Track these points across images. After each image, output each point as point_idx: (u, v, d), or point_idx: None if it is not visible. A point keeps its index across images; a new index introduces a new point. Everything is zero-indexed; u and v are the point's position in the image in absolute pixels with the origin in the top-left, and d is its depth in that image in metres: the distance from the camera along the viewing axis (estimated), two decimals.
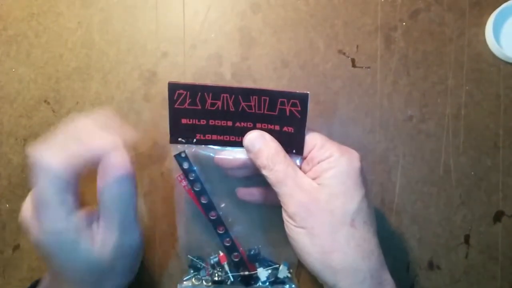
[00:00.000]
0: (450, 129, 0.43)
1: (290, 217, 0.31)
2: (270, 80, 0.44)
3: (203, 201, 0.37)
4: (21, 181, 0.43)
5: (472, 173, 0.43)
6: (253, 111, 0.32)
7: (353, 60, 0.44)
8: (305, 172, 0.32)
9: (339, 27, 0.44)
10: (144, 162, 0.43)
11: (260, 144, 0.32)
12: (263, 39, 0.44)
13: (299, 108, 0.31)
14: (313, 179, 0.31)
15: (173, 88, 0.32)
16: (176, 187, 0.38)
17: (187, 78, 0.44)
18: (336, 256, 0.30)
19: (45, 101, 0.44)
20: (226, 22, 0.44)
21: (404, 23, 0.44)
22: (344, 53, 0.44)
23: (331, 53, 0.44)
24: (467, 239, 0.43)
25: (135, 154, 0.43)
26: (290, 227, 0.31)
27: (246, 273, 0.39)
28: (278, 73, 0.44)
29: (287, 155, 0.32)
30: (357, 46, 0.44)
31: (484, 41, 0.44)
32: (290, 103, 0.31)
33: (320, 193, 0.30)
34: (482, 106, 0.43)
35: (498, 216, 0.43)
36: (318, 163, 0.31)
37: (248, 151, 0.33)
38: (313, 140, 0.32)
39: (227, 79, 0.44)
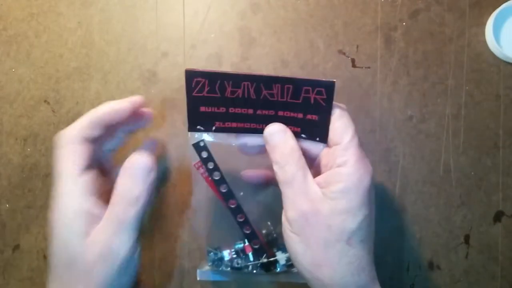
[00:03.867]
0: (450, 129, 0.43)
1: (288, 221, 0.30)
2: None
3: (223, 190, 0.36)
4: (21, 181, 0.43)
5: (472, 173, 0.43)
6: (276, 99, 0.31)
7: (353, 60, 0.44)
8: (320, 169, 0.32)
9: (339, 27, 0.44)
10: None
11: (278, 139, 0.31)
12: (263, 39, 0.44)
13: (325, 96, 0.30)
14: (321, 185, 0.30)
15: (191, 75, 0.31)
16: (193, 175, 0.37)
17: None
18: (325, 270, 0.29)
19: (45, 101, 0.44)
20: (226, 22, 0.44)
21: (404, 23, 0.44)
22: (344, 53, 0.44)
23: (331, 53, 0.44)
24: (467, 239, 0.43)
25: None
26: (286, 230, 0.31)
27: (265, 260, 0.39)
28: (278, 73, 0.44)
29: (302, 157, 0.31)
30: (357, 46, 0.44)
31: (484, 41, 0.44)
32: (315, 91, 0.30)
33: (323, 205, 0.29)
34: (482, 106, 0.43)
35: (498, 216, 0.43)
36: (331, 168, 0.30)
37: (265, 142, 0.32)
38: (345, 134, 0.30)
39: None
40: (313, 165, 0.33)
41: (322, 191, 0.30)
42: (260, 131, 0.33)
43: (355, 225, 0.29)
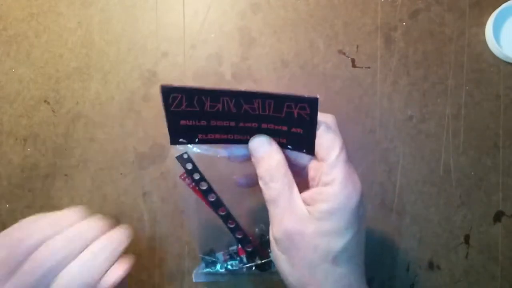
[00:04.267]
0: (450, 129, 0.43)
1: (274, 239, 0.30)
2: (270, 80, 0.44)
3: (211, 199, 0.36)
4: (21, 181, 0.43)
5: (472, 173, 0.43)
6: (258, 112, 0.30)
7: (353, 60, 0.44)
8: (308, 181, 0.31)
9: (339, 27, 0.44)
10: (144, 162, 0.43)
11: (264, 152, 0.30)
12: (263, 39, 0.44)
13: (308, 111, 0.29)
14: (308, 202, 0.29)
15: (167, 91, 0.29)
16: (179, 186, 0.37)
17: (187, 77, 0.44)
18: None
19: (45, 101, 0.44)
20: (226, 22, 0.44)
21: (404, 23, 0.44)
22: (344, 53, 0.44)
23: (331, 53, 0.44)
24: (467, 239, 0.43)
25: (135, 154, 0.43)
26: (273, 247, 0.30)
27: (259, 262, 0.39)
28: (278, 73, 0.44)
29: (288, 172, 0.30)
30: (357, 46, 0.44)
31: (484, 41, 0.44)
32: (298, 107, 0.29)
33: (308, 225, 0.28)
34: (482, 106, 0.43)
35: (498, 216, 0.43)
36: (317, 184, 0.29)
37: (251, 154, 0.31)
38: (332, 151, 0.29)
39: (227, 79, 0.44)
40: (301, 175, 0.32)
41: (308, 209, 0.29)
42: (245, 142, 0.32)
43: (341, 245, 0.28)
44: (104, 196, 0.43)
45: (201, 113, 0.31)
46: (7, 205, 0.43)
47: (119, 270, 0.29)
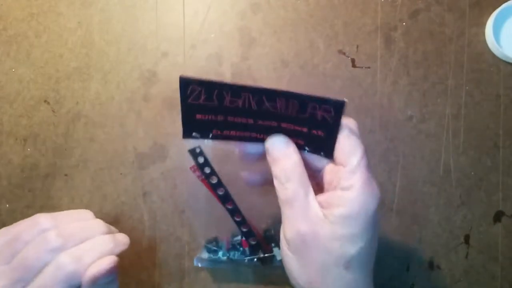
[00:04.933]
0: (450, 129, 0.43)
1: (285, 239, 0.29)
2: (270, 80, 0.44)
3: (220, 193, 0.36)
4: (21, 181, 0.43)
5: (472, 173, 0.43)
6: (279, 111, 0.29)
7: (353, 60, 0.44)
8: (323, 184, 0.30)
9: (339, 27, 0.44)
10: (144, 162, 0.43)
11: (280, 152, 0.30)
12: (263, 39, 0.44)
13: (333, 114, 0.28)
14: (323, 205, 0.29)
15: (186, 83, 0.28)
16: (189, 179, 0.37)
17: None
18: None
19: (45, 101, 0.44)
20: (226, 22, 0.44)
21: (404, 23, 0.44)
22: (344, 53, 0.44)
23: (331, 53, 0.44)
24: (467, 239, 0.43)
25: (135, 154, 0.43)
26: (284, 248, 0.30)
27: (261, 255, 0.39)
28: (278, 73, 0.44)
29: (304, 173, 0.29)
30: (357, 46, 0.44)
31: (484, 41, 0.44)
32: (322, 108, 0.29)
33: (323, 228, 0.28)
34: (482, 106, 0.43)
35: (498, 216, 0.43)
36: (335, 188, 0.29)
37: (267, 153, 0.31)
38: (353, 156, 0.28)
39: (227, 79, 0.44)
40: (316, 178, 0.31)
41: (323, 212, 0.28)
42: (261, 141, 0.31)
43: (355, 251, 0.28)
44: (104, 196, 0.43)
45: (220, 108, 0.30)
46: (7, 205, 0.43)
47: (102, 264, 0.31)
